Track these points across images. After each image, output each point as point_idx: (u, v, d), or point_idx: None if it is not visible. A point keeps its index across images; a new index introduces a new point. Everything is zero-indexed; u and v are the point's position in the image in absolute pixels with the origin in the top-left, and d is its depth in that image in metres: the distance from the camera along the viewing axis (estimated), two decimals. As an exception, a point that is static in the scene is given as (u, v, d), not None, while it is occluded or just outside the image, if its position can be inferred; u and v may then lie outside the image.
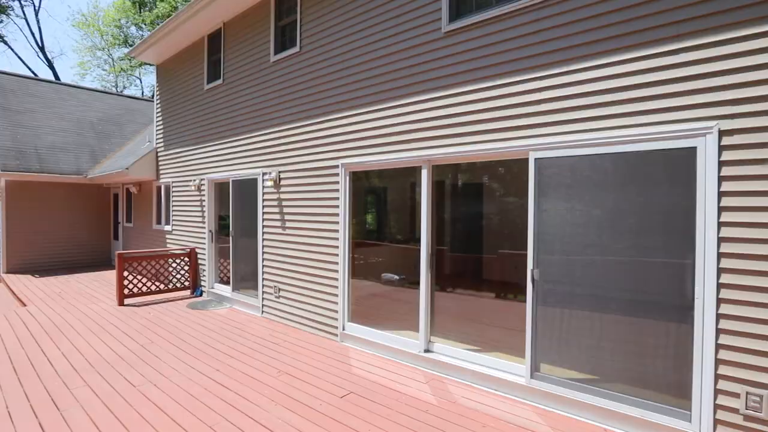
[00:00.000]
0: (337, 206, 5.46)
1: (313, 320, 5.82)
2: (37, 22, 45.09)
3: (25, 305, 7.70)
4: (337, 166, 5.46)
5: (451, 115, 4.33)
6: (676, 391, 3.14)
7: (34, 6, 40.78)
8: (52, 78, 31.41)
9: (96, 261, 12.63)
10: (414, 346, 4.66)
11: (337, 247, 5.47)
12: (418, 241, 4.78)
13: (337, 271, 5.46)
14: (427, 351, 4.58)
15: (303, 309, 5.97)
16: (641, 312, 3.28)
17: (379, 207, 5.80)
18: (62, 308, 7.31)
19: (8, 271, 11.03)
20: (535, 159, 3.76)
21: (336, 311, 5.48)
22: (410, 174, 4.99)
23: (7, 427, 3.45)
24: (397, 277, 5.34)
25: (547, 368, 3.74)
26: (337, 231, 5.47)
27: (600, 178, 3.44)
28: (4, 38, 30.65)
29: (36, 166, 10.94)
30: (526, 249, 3.86)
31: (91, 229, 12.61)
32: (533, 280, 3.78)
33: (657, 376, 3.22)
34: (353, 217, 5.43)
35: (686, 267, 3.07)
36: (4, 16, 29.06)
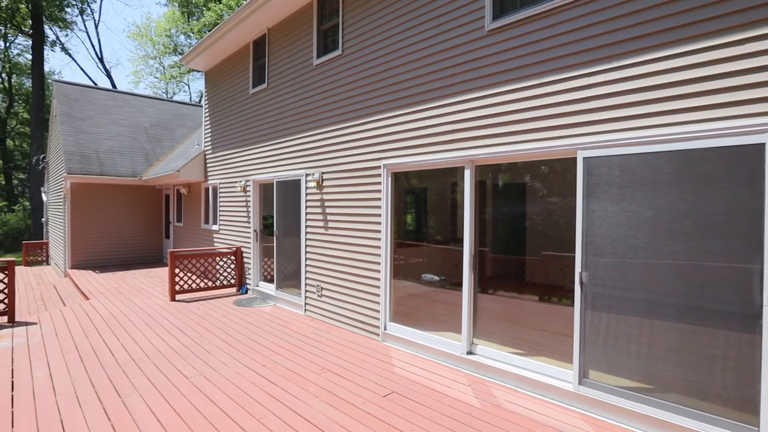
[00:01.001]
0: (379, 206, 5.50)
1: (354, 319, 5.90)
2: (97, 34, 48.22)
3: (88, 298, 8.26)
4: (379, 167, 5.51)
5: (495, 114, 4.27)
6: (740, 405, 2.94)
7: (95, 20, 43.59)
8: (110, 86, 33.46)
9: (149, 258, 13.35)
10: (456, 347, 4.63)
11: (378, 247, 5.51)
12: (459, 241, 4.74)
13: (378, 271, 5.51)
14: (469, 353, 4.54)
15: (345, 308, 6.06)
16: (699, 319, 3.10)
17: (418, 207, 5.80)
18: (120, 302, 7.78)
19: (72, 267, 11.86)
20: (584, 158, 3.64)
21: (377, 311, 5.52)
22: (451, 174, 4.96)
23: (76, 410, 3.72)
24: (437, 277, 5.32)
25: (596, 375, 3.61)
26: (378, 231, 5.52)
27: (654, 177, 3.29)
28: (69, 51, 32.96)
29: (97, 169, 11.72)
30: (571, 251, 3.74)
31: (144, 229, 13.35)
32: (582, 283, 3.66)
33: (718, 389, 3.03)
34: (394, 218, 5.46)
35: (753, 272, 2.88)
36: (69, 30, 31.24)
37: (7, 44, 32.47)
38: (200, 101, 34.33)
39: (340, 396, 3.97)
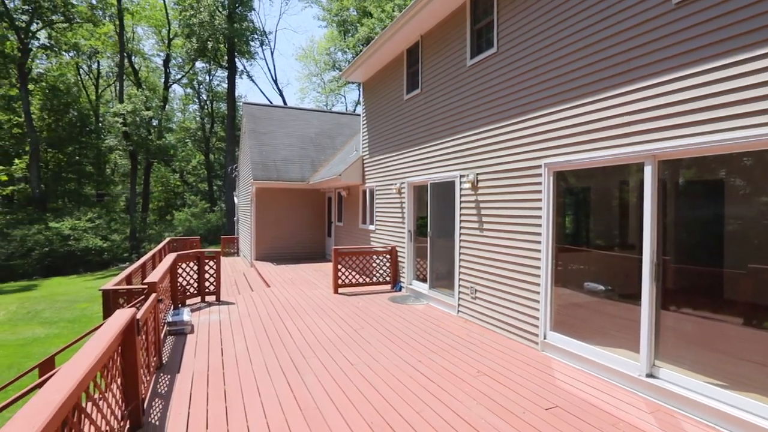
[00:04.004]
0: (539, 208, 5.21)
1: (510, 324, 5.69)
2: (273, 60, 56.11)
3: (269, 286, 9.68)
4: (539, 167, 5.21)
5: (689, 100, 3.64)
6: None
7: (271, 49, 51.02)
8: (282, 104, 38.69)
9: (314, 254, 15.01)
10: (632, 367, 4.09)
11: (538, 251, 5.22)
12: (629, 247, 4.20)
13: (538, 276, 5.21)
14: (649, 376, 3.96)
15: (500, 312, 5.89)
16: None
17: (578, 209, 5.31)
18: (294, 291, 8.92)
19: (256, 259, 14.04)
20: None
21: (536, 318, 5.23)
22: (618, 172, 4.42)
23: (266, 378, 4.39)
24: (602, 287, 4.80)
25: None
26: (538, 234, 5.23)
27: None
28: (252, 77, 39.29)
29: (275, 175, 13.67)
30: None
31: (310, 228, 15.08)
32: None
33: None
34: (556, 220, 5.10)
35: None
36: (252, 60, 37.19)
37: (210, 78, 40.24)
38: (355, 110, 37.34)
39: (498, 401, 3.87)
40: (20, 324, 13.00)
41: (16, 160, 28.31)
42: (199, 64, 37.65)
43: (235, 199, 24.31)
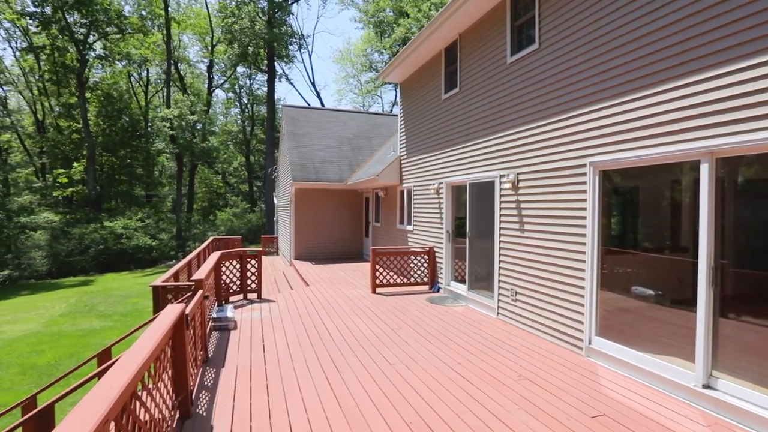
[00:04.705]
0: (583, 209, 5.03)
1: (552, 328, 5.53)
2: (311, 63, 57.20)
3: (308, 285, 9.86)
4: (583, 165, 5.03)
5: (754, 92, 3.39)
6: None
7: (308, 52, 52.00)
8: (320, 105, 39.37)
9: (351, 254, 15.15)
10: (687, 377, 3.87)
11: (582, 252, 5.04)
12: (681, 250, 3.98)
13: (582, 278, 5.03)
14: (706, 387, 3.74)
15: (541, 315, 5.74)
16: None
17: (624, 209, 5.07)
18: (332, 290, 9.04)
19: (295, 258, 14.33)
20: None
21: (580, 322, 5.05)
22: (669, 171, 4.20)
23: (306, 374, 4.47)
24: (651, 292, 4.56)
25: None
26: (582, 236, 5.05)
27: None
28: (291, 80, 40.19)
29: (313, 176, 13.91)
30: None
31: (348, 228, 15.23)
32: None
33: None
34: (602, 221, 4.90)
35: None
36: (291, 63, 38.05)
37: (251, 82, 41.49)
38: (392, 111, 37.46)
39: (540, 407, 3.77)
40: (79, 316, 13.89)
41: (75, 164, 30.31)
42: (240, 69, 38.98)
43: (275, 199, 24.93)
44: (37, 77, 32.44)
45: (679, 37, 3.95)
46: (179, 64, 37.55)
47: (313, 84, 47.01)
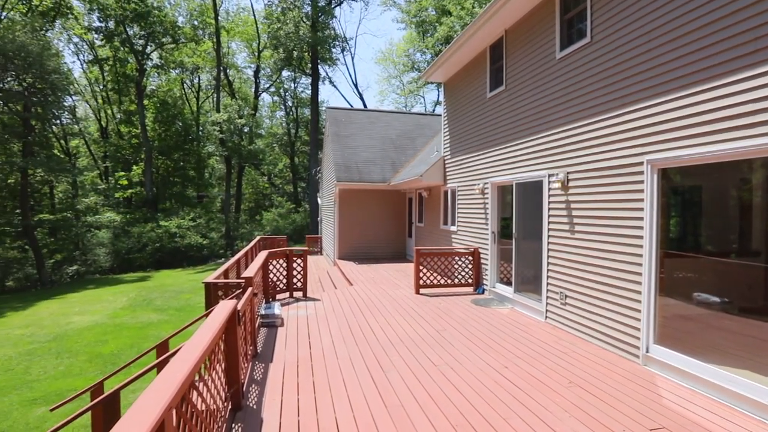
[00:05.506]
0: (640, 209, 4.76)
1: (605, 334, 5.28)
2: (353, 65, 57.96)
3: (351, 284, 9.97)
4: (640, 163, 4.77)
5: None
6: None
7: (351, 54, 52.64)
8: (362, 107, 39.75)
9: (394, 254, 15.18)
10: (762, 393, 3.56)
11: (638, 255, 4.77)
12: (753, 254, 3.67)
13: (638, 283, 4.77)
14: (782, 401, 3.44)
15: (593, 320, 5.49)
16: None
17: (684, 210, 4.75)
18: (375, 290, 9.09)
19: (339, 258, 14.54)
20: None
21: (637, 329, 4.78)
22: (737, 168, 3.89)
23: (352, 375, 4.51)
24: (716, 299, 4.24)
25: None
26: (638, 238, 4.78)
27: None
28: (334, 82, 40.88)
29: (357, 176, 14.06)
30: None
31: (391, 228, 15.26)
32: None
33: None
34: (661, 222, 4.62)
35: None
36: (334, 66, 38.69)
37: (295, 85, 42.59)
38: (435, 111, 37.26)
39: (593, 416, 3.60)
40: (138, 309, 14.78)
41: (134, 167, 32.34)
42: (285, 73, 40.12)
43: (319, 200, 25.43)
44: (101, 87, 34.95)
45: (753, 22, 3.65)
46: (228, 70, 39.18)
47: (356, 86, 47.58)
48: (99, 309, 15.04)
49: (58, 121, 28.90)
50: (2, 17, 25.20)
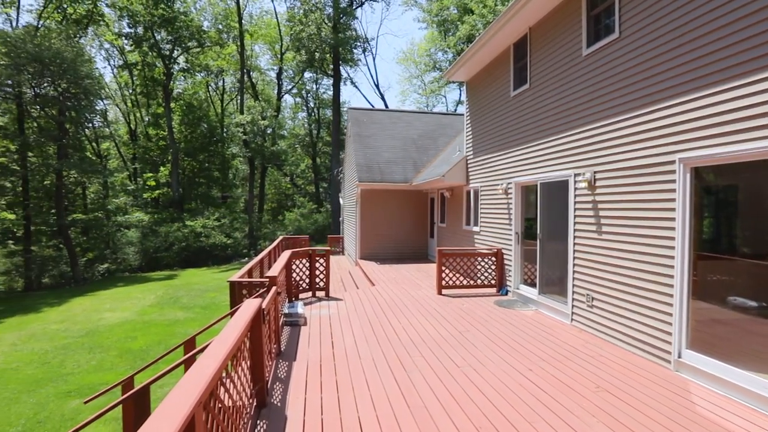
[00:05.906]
0: (671, 209, 4.61)
1: (634, 338, 5.13)
2: (374, 66, 58.10)
3: (373, 284, 9.99)
4: (672, 162, 4.62)
5: None
6: None
7: (372, 54, 52.81)
8: (384, 107, 39.79)
9: (416, 255, 15.12)
10: (800, 399, 3.42)
11: (669, 257, 4.62)
12: None
13: (670, 285, 4.62)
14: (826, 411, 3.27)
15: (621, 324, 5.35)
16: None
17: (719, 210, 4.57)
18: (397, 290, 9.08)
19: (361, 258, 14.59)
20: None
21: (668, 333, 4.63)
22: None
23: (374, 372, 4.53)
24: (754, 303, 4.07)
25: None
26: (669, 239, 4.64)
27: None
28: (355, 83, 41.04)
29: (378, 177, 14.07)
30: None
31: (413, 228, 15.22)
32: None
33: None
34: (694, 223, 4.47)
35: None
36: (356, 67, 38.85)
37: (317, 86, 42.97)
38: (457, 110, 37.00)
39: (622, 422, 3.51)
40: (165, 307, 15.18)
41: (161, 168, 33.22)
42: (307, 74, 40.55)
43: (340, 200, 25.59)
44: (130, 91, 36.07)
45: (792, 15, 3.49)
46: (251, 73, 39.83)
47: (377, 86, 47.68)
48: (128, 306, 15.52)
49: (90, 125, 29.97)
50: (39, 26, 26.30)
